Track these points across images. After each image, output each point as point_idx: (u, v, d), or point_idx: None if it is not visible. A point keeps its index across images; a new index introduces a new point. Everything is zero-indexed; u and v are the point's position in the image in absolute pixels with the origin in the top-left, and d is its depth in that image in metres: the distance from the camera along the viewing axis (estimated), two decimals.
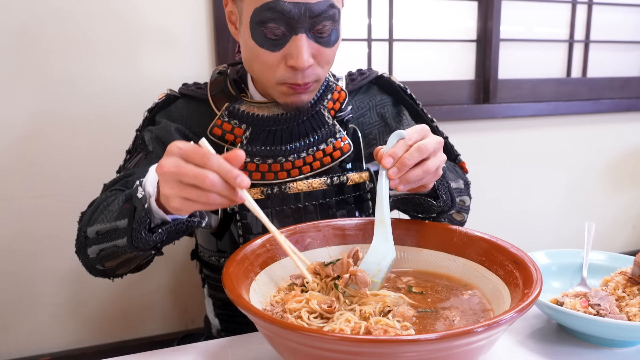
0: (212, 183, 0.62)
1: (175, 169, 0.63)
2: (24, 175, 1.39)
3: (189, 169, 0.63)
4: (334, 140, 0.99)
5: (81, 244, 0.89)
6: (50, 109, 1.38)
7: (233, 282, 0.65)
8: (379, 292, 0.71)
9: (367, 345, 0.51)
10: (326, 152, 0.98)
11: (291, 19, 0.82)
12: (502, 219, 2.02)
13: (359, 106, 1.08)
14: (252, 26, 0.85)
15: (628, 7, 2.14)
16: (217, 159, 0.63)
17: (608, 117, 2.11)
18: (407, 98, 1.12)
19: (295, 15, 0.82)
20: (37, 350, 1.49)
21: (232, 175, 0.63)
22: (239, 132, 0.96)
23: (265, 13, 0.82)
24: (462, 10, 1.91)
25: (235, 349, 0.77)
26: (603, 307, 0.76)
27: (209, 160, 0.63)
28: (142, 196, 0.74)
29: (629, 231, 2.28)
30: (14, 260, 1.42)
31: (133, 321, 1.58)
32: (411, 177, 0.73)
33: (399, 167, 0.72)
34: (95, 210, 0.88)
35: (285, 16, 0.82)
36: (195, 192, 0.64)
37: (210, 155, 0.63)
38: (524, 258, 0.70)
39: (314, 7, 0.83)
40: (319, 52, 0.88)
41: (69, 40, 1.36)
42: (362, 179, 1.02)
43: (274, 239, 0.79)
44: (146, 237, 0.75)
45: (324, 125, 0.99)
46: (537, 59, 2.05)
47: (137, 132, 1.04)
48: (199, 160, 0.63)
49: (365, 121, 1.07)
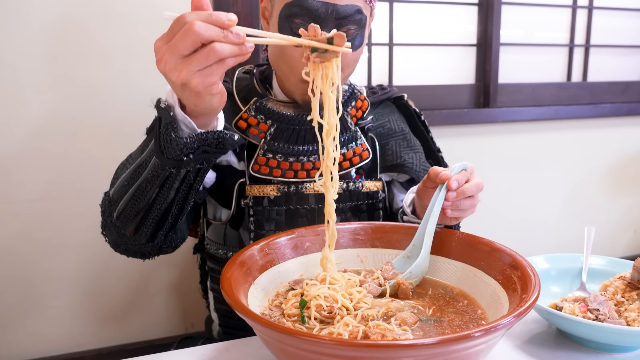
0: (204, 30, 0.61)
1: (168, 49, 0.63)
2: (25, 177, 1.39)
3: (177, 36, 0.62)
4: (354, 145, 1.02)
5: (106, 214, 0.88)
6: (52, 112, 1.38)
7: (232, 286, 0.65)
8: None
9: (364, 349, 0.51)
10: (346, 157, 1.01)
11: (317, 17, 0.86)
12: (502, 224, 2.02)
13: (379, 118, 1.11)
14: (281, 20, 0.89)
15: (628, 12, 2.14)
16: (190, 13, 0.63)
17: (608, 121, 2.11)
18: (420, 124, 1.15)
19: (322, 14, 0.86)
20: (36, 353, 1.49)
21: (216, 17, 0.62)
22: (264, 127, 0.98)
23: (294, 9, 0.86)
24: (463, 15, 1.91)
25: (233, 352, 0.77)
26: (602, 312, 0.76)
27: (185, 17, 0.62)
28: (165, 105, 0.73)
29: (630, 236, 2.28)
30: (14, 263, 1.43)
31: (133, 325, 1.58)
32: (461, 205, 0.83)
33: (459, 193, 0.81)
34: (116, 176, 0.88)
35: (312, 14, 0.86)
36: (200, 54, 0.62)
37: (185, 15, 0.63)
38: (523, 262, 0.70)
39: (341, 9, 0.87)
40: (343, 54, 0.87)
41: (70, 43, 1.36)
42: (376, 187, 1.05)
43: (273, 243, 0.80)
44: (176, 140, 0.72)
45: (347, 130, 1.02)
46: (537, 63, 2.05)
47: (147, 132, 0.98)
48: (180, 27, 0.62)
49: (384, 132, 1.09)
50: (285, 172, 0.97)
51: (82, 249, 1.47)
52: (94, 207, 1.45)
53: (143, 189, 0.81)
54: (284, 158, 0.97)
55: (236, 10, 1.46)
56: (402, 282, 0.75)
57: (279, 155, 0.97)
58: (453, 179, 0.81)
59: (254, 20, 1.48)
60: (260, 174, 0.97)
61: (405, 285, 0.75)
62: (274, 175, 0.97)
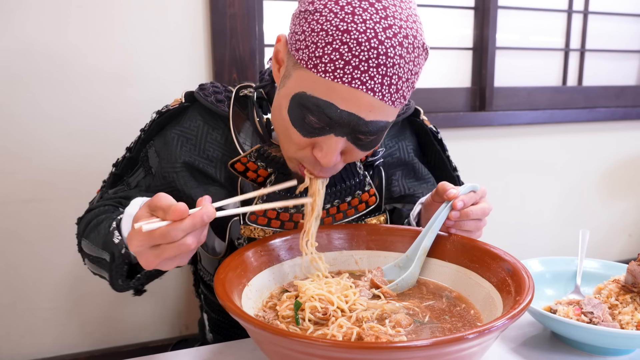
0: (192, 240, 0.62)
1: (151, 250, 0.63)
2: (18, 178, 1.38)
3: (168, 250, 0.62)
4: (361, 192, 0.93)
5: (80, 250, 0.91)
6: (46, 112, 1.37)
7: (225, 288, 0.65)
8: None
9: (357, 351, 0.51)
10: (351, 205, 0.93)
11: (335, 124, 0.71)
12: (497, 227, 2.02)
13: (388, 145, 1.01)
14: (292, 103, 0.73)
15: (623, 17, 2.16)
16: (175, 231, 0.60)
17: (604, 125, 2.12)
18: (436, 143, 1.06)
19: (342, 123, 0.70)
20: (29, 355, 1.48)
21: (198, 220, 0.61)
22: (264, 173, 0.89)
23: (312, 106, 0.70)
24: (459, 19, 1.92)
25: (228, 355, 0.77)
26: (596, 315, 0.76)
27: (172, 235, 0.61)
28: (118, 241, 0.76)
29: (625, 239, 2.29)
30: (6, 264, 1.42)
31: (126, 327, 1.57)
32: (465, 226, 0.81)
33: (463, 215, 0.80)
34: (89, 223, 0.89)
35: (331, 120, 0.70)
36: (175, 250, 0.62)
37: (170, 232, 0.60)
38: (517, 265, 0.70)
39: (366, 125, 0.71)
40: (351, 151, 0.76)
41: (65, 44, 1.36)
42: (379, 222, 0.99)
43: (268, 244, 0.79)
44: (123, 284, 0.79)
45: (354, 176, 0.93)
46: (533, 67, 2.06)
47: (141, 132, 0.97)
48: (168, 241, 0.61)
49: (393, 162, 1.01)
50: (285, 224, 0.89)
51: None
52: None
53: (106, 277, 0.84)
54: (284, 209, 0.89)
55: (232, 12, 1.46)
56: (387, 291, 0.76)
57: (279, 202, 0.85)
58: (459, 199, 0.79)
59: (250, 22, 1.48)
60: (257, 224, 0.89)
61: (390, 294, 0.76)
62: (272, 227, 0.89)
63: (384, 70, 0.67)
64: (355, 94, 0.68)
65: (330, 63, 0.67)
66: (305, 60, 0.70)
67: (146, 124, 0.96)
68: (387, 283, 0.79)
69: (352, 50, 0.67)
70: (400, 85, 0.70)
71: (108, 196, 0.96)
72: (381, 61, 0.67)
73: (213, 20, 1.45)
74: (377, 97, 0.69)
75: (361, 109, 0.69)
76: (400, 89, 0.70)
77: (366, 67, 0.67)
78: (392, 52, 0.67)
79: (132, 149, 0.98)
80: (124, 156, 0.99)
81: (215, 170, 0.92)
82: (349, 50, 0.67)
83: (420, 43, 0.71)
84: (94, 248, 0.84)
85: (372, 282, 0.78)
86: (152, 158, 0.96)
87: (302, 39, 0.70)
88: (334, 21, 0.67)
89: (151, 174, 0.95)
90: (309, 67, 0.69)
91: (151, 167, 0.95)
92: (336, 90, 0.68)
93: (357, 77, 0.67)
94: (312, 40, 0.69)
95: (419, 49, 0.71)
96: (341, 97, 0.68)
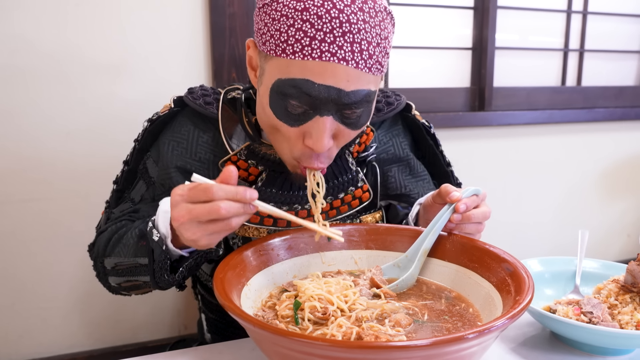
0: (227, 210, 0.64)
1: (188, 215, 0.65)
2: (17, 177, 1.38)
3: (200, 208, 0.65)
4: (354, 189, 0.93)
5: (101, 274, 0.91)
6: (45, 111, 1.37)
7: (224, 287, 0.65)
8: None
9: (356, 351, 0.51)
10: (345, 201, 0.93)
11: (317, 101, 0.71)
12: (497, 227, 2.02)
13: (382, 141, 1.01)
14: (273, 94, 0.74)
15: (622, 17, 2.16)
16: (218, 187, 0.64)
17: (603, 125, 2.12)
18: (429, 138, 1.05)
19: (323, 98, 0.70)
20: (27, 354, 1.48)
21: (241, 195, 0.65)
22: (254, 171, 0.90)
23: (290, 89, 0.71)
24: (458, 19, 1.92)
25: (227, 354, 0.77)
26: (595, 315, 0.76)
27: (213, 192, 0.64)
28: (158, 239, 0.76)
29: (624, 239, 2.29)
30: (5, 264, 1.41)
31: (125, 326, 1.57)
32: (465, 229, 0.81)
33: (465, 218, 0.79)
34: (108, 242, 0.89)
35: (312, 98, 0.70)
36: (216, 225, 0.66)
37: (212, 187, 0.64)
38: (517, 265, 0.70)
39: (347, 96, 0.71)
40: (341, 133, 0.77)
41: (64, 42, 1.35)
42: (375, 219, 0.98)
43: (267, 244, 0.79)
44: (169, 279, 0.79)
45: (347, 172, 0.92)
46: (532, 67, 2.06)
47: (135, 142, 0.96)
48: (204, 196, 0.64)
49: (388, 158, 1.01)
50: (277, 222, 0.89)
51: (75, 250, 1.46)
52: (87, 208, 1.44)
53: (140, 285, 0.85)
54: (277, 206, 0.83)
55: (232, 11, 1.46)
56: (387, 291, 0.76)
57: (271, 203, 0.85)
58: (462, 202, 0.79)
59: (250, 21, 1.48)
60: (249, 223, 0.89)
61: (389, 294, 0.76)
62: (265, 225, 0.89)
63: (350, 37, 0.69)
64: (329, 67, 0.69)
65: (297, 43, 0.69)
66: (273, 48, 0.71)
67: (139, 134, 0.96)
68: (386, 282, 0.78)
69: (314, 26, 0.68)
70: (372, 51, 0.71)
71: (115, 215, 0.95)
72: (345, 29, 0.68)
73: (212, 19, 1.45)
74: (351, 66, 0.69)
75: (338, 81, 0.70)
76: (373, 55, 0.71)
77: (332, 38, 0.68)
78: (354, 18, 0.69)
79: (129, 161, 0.98)
80: (122, 170, 0.99)
81: (208, 171, 0.92)
82: (312, 26, 0.68)
83: (382, 7, 0.72)
84: (123, 260, 0.84)
85: (371, 280, 0.77)
86: (152, 168, 0.95)
87: (266, 31, 0.72)
88: (291, 4, 0.69)
89: (153, 184, 0.95)
90: (277, 53, 0.71)
91: (151, 177, 0.95)
92: (309, 67, 0.69)
93: (325, 49, 0.68)
94: (276, 28, 0.71)
95: (382, 12, 0.72)
96: (316, 72, 0.69)
